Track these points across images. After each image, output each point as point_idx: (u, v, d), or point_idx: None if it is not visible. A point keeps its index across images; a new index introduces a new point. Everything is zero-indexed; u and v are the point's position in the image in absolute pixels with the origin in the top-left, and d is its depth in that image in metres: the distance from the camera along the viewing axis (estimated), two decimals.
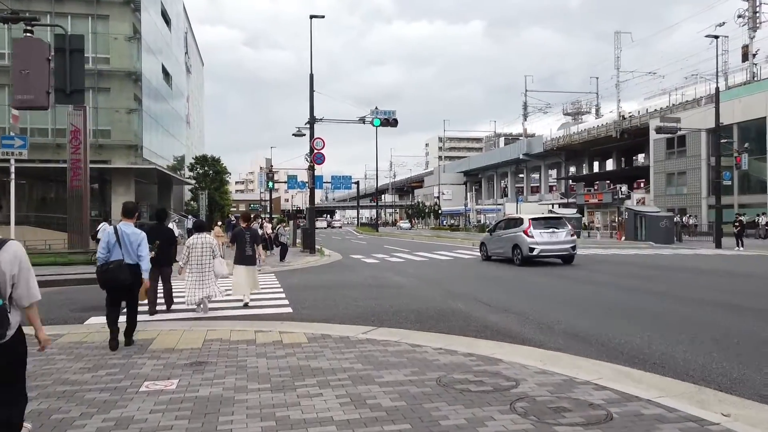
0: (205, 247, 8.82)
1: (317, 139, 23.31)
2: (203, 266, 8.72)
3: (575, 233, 20.45)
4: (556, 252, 17.23)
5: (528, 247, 16.71)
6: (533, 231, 16.93)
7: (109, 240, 6.42)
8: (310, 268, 17.17)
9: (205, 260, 8.75)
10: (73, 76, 6.19)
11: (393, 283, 12.36)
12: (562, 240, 17.27)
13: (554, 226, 17.59)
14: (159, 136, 39.28)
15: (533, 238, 16.81)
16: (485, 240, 20.01)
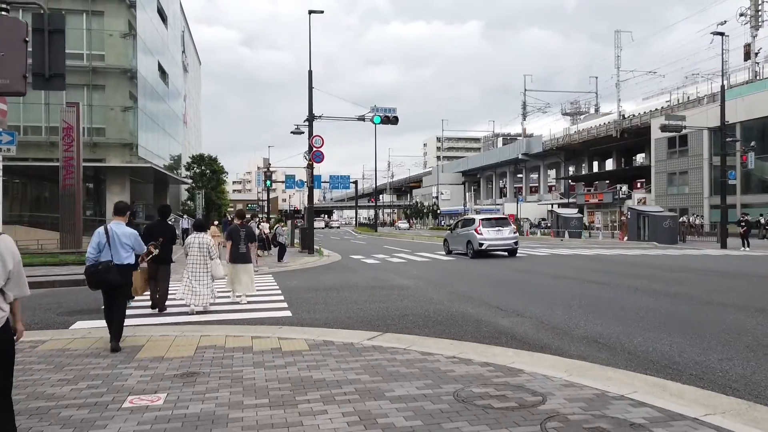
0: (202, 247, 8.70)
1: (316, 136, 22.80)
2: (199, 266, 8.61)
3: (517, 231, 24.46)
4: (502, 246, 20.37)
5: (478, 242, 19.87)
6: (482, 229, 20.14)
7: (100, 240, 6.25)
8: (309, 269, 16.66)
9: (201, 260, 8.63)
10: (53, 58, 5.66)
11: (396, 284, 11.87)
12: (506, 237, 20.41)
13: (500, 225, 20.88)
14: (155, 135, 38.72)
15: (482, 235, 20.00)
16: (447, 237, 23.32)
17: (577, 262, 17.74)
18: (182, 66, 55.43)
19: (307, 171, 22.81)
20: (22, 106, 31.42)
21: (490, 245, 19.89)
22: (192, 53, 66.67)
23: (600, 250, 24.44)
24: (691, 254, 21.75)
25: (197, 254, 8.69)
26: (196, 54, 72.21)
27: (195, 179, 52.28)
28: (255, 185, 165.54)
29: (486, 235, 19.95)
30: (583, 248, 25.47)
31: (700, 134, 42.24)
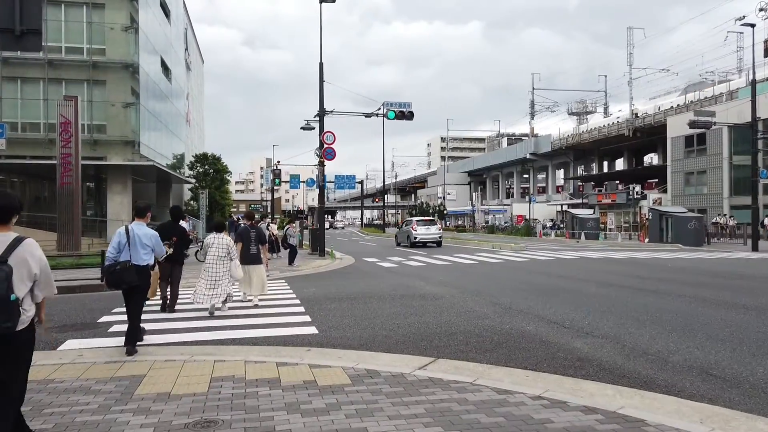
0: (221, 248, 8.63)
1: (327, 132, 21.60)
2: (217, 267, 8.54)
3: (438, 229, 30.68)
4: (430, 239, 28.12)
5: (414, 236, 27.85)
6: (417, 227, 28.44)
7: (120, 241, 6.29)
8: (323, 274, 15.45)
9: (220, 261, 8.56)
10: (26, 11, 4.48)
11: (427, 293, 10.64)
12: (433, 233, 28.68)
13: (429, 225, 29.52)
14: (157, 133, 37.57)
15: (417, 231, 28.16)
16: (397, 233, 33.19)
17: (611, 266, 16.50)
18: (185, 64, 54.28)
19: (318, 169, 21.59)
20: (19, 102, 30.32)
21: (422, 238, 27.74)
22: (195, 51, 65.51)
23: (627, 252, 23.18)
24: (729, 258, 20.49)
25: (216, 255, 8.61)
26: (199, 52, 71.05)
27: (198, 179, 51.14)
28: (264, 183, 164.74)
29: (419, 231, 28.00)
30: (607, 250, 24.21)
31: (719, 132, 40.93)
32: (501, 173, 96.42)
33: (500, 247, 25.34)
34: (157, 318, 8.28)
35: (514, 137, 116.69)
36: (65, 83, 30.14)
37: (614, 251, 23.83)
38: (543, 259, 19.31)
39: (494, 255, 21.32)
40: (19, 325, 3.19)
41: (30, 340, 3.35)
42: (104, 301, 9.72)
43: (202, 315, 8.49)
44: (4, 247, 3.25)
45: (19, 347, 3.27)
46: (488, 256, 20.54)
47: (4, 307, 3.11)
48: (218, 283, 8.48)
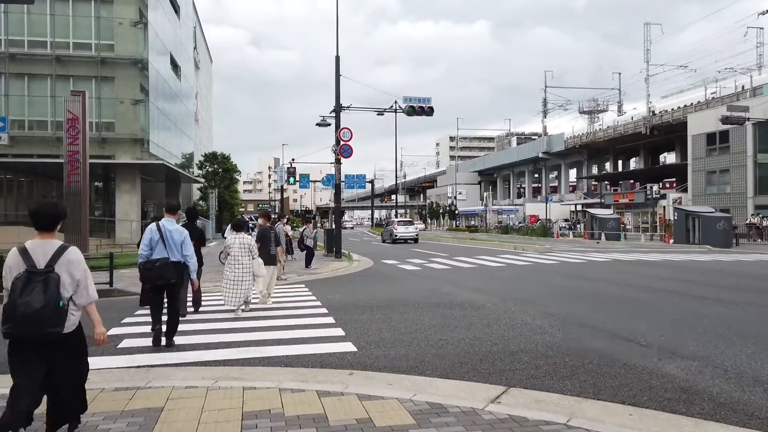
0: (243, 247, 8.64)
1: (344, 129, 20.70)
2: (241, 267, 8.52)
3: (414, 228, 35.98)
4: (408, 236, 33.76)
5: (394, 234, 33.87)
6: (397, 227, 34.37)
7: (152, 237, 6.35)
8: (344, 278, 14.55)
9: (243, 260, 8.57)
10: None
11: (465, 301, 9.70)
12: (411, 231, 34.27)
13: (407, 225, 35.33)
14: (167, 131, 36.84)
15: (397, 230, 34.01)
16: (382, 231, 40.23)
17: (651, 270, 15.50)
18: (194, 62, 53.60)
19: (335, 167, 20.67)
20: (26, 99, 29.64)
21: (401, 235, 33.59)
22: (203, 50, 64.86)
23: (657, 254, 22.12)
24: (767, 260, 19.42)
25: (238, 254, 8.60)
26: (207, 51, 70.39)
27: (207, 178, 50.45)
28: (266, 185, 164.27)
29: (399, 230, 34.09)
30: (635, 252, 23.17)
31: (743, 130, 39.68)
32: (512, 172, 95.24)
33: (523, 248, 24.34)
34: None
35: (523, 136, 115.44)
36: (73, 80, 29.45)
37: (642, 253, 22.78)
38: (574, 261, 18.31)
39: (519, 257, 20.34)
40: (66, 329, 3.40)
41: (80, 340, 3.58)
42: (114, 310, 8.86)
43: (219, 327, 7.60)
44: (51, 254, 3.41)
45: (69, 348, 3.50)
46: (513, 259, 19.57)
47: (55, 312, 3.28)
48: (241, 283, 8.45)
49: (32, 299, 3.23)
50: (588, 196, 70.02)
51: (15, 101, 29.43)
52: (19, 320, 3.21)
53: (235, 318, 8.30)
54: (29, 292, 3.24)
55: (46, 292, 3.26)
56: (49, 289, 3.27)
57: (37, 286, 3.27)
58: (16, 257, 3.43)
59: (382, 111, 21.65)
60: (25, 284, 3.28)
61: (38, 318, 3.22)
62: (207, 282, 12.10)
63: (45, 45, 29.38)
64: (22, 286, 3.27)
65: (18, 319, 3.21)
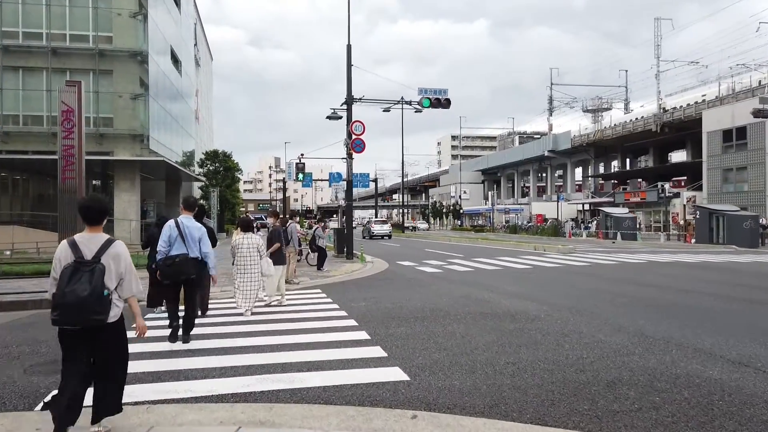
0: (251, 248, 8.45)
1: (356, 122, 19.48)
2: (250, 267, 8.35)
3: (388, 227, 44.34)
4: (383, 233, 41.33)
5: (372, 231, 41.80)
6: (374, 225, 42.75)
7: (171, 234, 6.35)
8: (361, 281, 13.32)
9: (251, 261, 8.39)
10: None
11: (511, 310, 8.46)
12: (385, 229, 42.19)
13: (382, 223, 44.02)
14: (167, 128, 35.61)
15: (374, 227, 42.31)
16: (363, 229, 47.59)
17: (698, 273, 14.29)
18: (195, 59, 52.34)
19: (346, 162, 19.42)
20: (21, 92, 28.40)
21: (377, 232, 40.81)
22: (204, 47, 63.54)
23: (687, 255, 20.90)
24: None
25: (247, 254, 8.42)
26: (208, 49, 69.05)
27: (209, 177, 49.22)
28: (267, 184, 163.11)
29: (375, 228, 41.89)
30: (661, 253, 21.97)
31: (761, 126, 38.49)
32: (516, 171, 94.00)
33: (544, 249, 23.09)
34: (172, 349, 6.17)
35: (525, 135, 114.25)
36: (69, 73, 28.19)
37: (670, 253, 21.57)
38: (605, 263, 17.09)
39: (543, 258, 19.11)
40: (110, 318, 3.51)
41: (122, 331, 3.69)
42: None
43: (233, 344, 6.38)
44: (98, 247, 3.57)
45: (112, 337, 3.61)
46: (538, 260, 18.33)
47: (99, 300, 3.42)
48: (252, 284, 8.28)
49: (78, 288, 3.36)
50: (595, 195, 68.80)
51: (9, 95, 28.20)
52: (67, 307, 3.35)
53: (251, 331, 7.08)
54: (76, 281, 3.37)
55: (91, 281, 3.39)
56: (95, 279, 3.40)
57: (83, 275, 3.40)
58: (65, 249, 3.55)
59: (396, 103, 20.41)
60: (73, 274, 3.41)
61: (84, 305, 3.35)
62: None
63: (40, 37, 28.15)
64: (69, 276, 3.40)
65: (65, 306, 3.35)
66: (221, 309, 8.90)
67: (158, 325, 7.12)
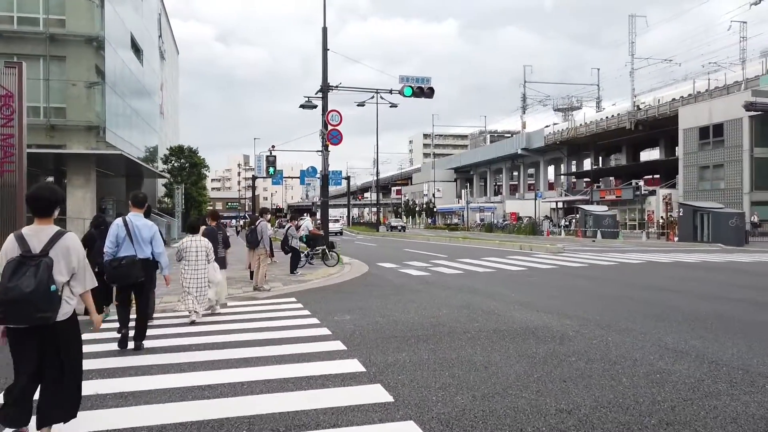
0: (200, 251, 7.93)
1: (332, 111, 17.91)
2: (198, 272, 7.84)
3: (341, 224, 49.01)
4: (335, 230, 38.72)
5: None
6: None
7: (119, 233, 5.98)
8: (341, 287, 11.80)
9: (200, 266, 7.88)
10: None
11: (531, 325, 7.05)
12: (337, 227, 42.11)
13: (334, 222, 42.99)
14: (127, 120, 33.34)
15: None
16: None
17: (701, 274, 13.21)
18: (159, 51, 49.79)
19: (322, 154, 17.81)
20: None
21: (330, 229, 36.91)
22: (169, 40, 60.77)
23: (679, 254, 19.97)
24: None
25: (194, 259, 7.88)
26: (173, 42, 66.19)
27: (173, 173, 46.91)
28: (235, 183, 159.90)
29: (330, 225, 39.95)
30: (651, 252, 21.04)
31: (738, 123, 38.28)
32: (489, 170, 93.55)
33: (530, 248, 21.89)
34: (119, 366, 4.57)
35: (496, 134, 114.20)
36: (17, 59, 25.77)
37: (662, 253, 20.64)
38: (603, 264, 15.93)
39: (533, 258, 17.88)
40: (60, 316, 3.30)
41: (74, 330, 3.45)
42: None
43: (193, 382, 4.79)
44: (47, 239, 3.35)
45: (63, 337, 3.36)
46: (529, 261, 17.08)
47: (45, 297, 3.18)
48: (200, 290, 7.80)
49: (22, 283, 3.15)
50: (569, 193, 68.56)
51: None
52: (10, 304, 3.14)
53: (201, 362, 5.50)
54: (20, 275, 3.17)
55: (36, 276, 3.18)
56: (41, 273, 3.19)
57: (28, 270, 3.20)
58: (12, 243, 3.37)
59: (377, 92, 18.88)
60: (17, 268, 3.20)
61: (28, 302, 3.14)
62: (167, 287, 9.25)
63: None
64: (12, 270, 3.20)
65: (8, 303, 3.14)
66: (169, 325, 7.29)
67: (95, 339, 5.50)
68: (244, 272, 14.13)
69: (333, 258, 16.11)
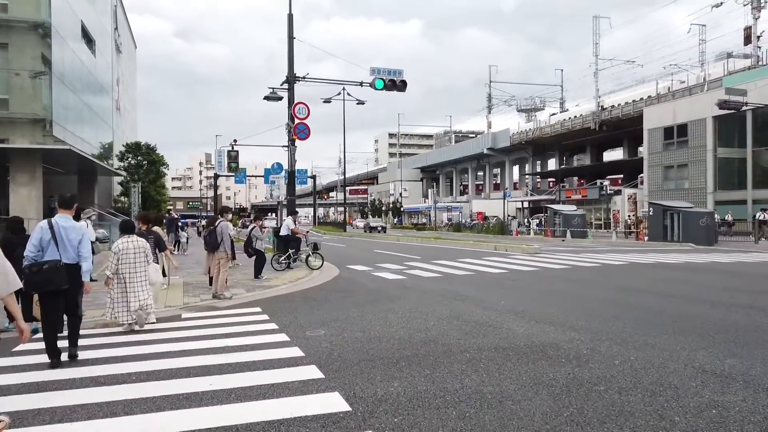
0: (138, 253, 7.26)
1: (299, 104, 16.78)
2: (136, 275, 7.16)
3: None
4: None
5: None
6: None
7: (43, 237, 5.55)
8: (310, 293, 10.71)
9: (139, 268, 7.21)
10: None
11: (533, 339, 6.14)
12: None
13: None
14: (79, 114, 31.35)
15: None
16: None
17: (687, 275, 12.63)
18: (115, 44, 47.41)
19: (288, 150, 16.62)
20: None
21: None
22: (127, 34, 58.09)
23: (656, 254, 19.58)
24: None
25: (134, 261, 7.20)
26: (131, 36, 63.39)
27: (130, 171, 44.72)
28: (197, 182, 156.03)
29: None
30: (624, 251, 20.63)
31: (702, 123, 38.69)
32: (455, 169, 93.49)
33: (505, 249, 21.17)
34: (48, 380, 3.48)
35: (461, 134, 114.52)
36: None
37: (637, 253, 20.21)
38: (584, 265, 15.25)
39: (510, 260, 17.11)
40: None
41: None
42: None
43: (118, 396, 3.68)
44: None
45: None
46: (506, 262, 16.29)
47: None
48: (137, 294, 7.16)
49: None
50: (534, 193, 68.80)
51: None
52: None
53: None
54: None
55: None
56: None
57: None
58: None
59: (347, 83, 17.77)
60: None
61: None
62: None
63: None
64: None
65: None
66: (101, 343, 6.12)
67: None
68: (202, 278, 12.89)
69: (318, 259, 15.02)
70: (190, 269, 15.70)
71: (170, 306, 9.39)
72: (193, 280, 12.95)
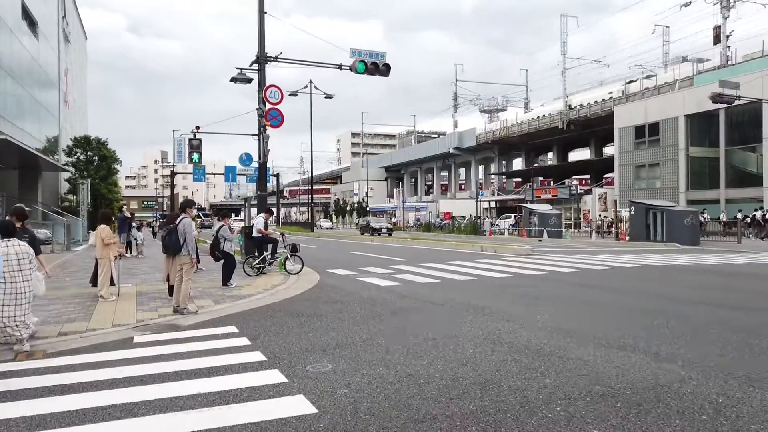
0: (21, 258, 6.10)
1: (271, 87, 14.86)
2: (15, 285, 6.00)
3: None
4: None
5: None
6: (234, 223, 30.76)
7: None
8: (294, 305, 8.88)
9: (17, 278, 6.01)
10: None
11: (624, 375, 4.53)
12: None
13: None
14: (20, 104, 28.42)
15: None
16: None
17: (702, 279, 11.37)
18: (63, 33, 44.00)
19: (259, 138, 14.64)
20: None
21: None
22: (76, 23, 54.34)
23: (650, 255, 18.49)
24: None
25: (17, 269, 6.01)
26: (81, 26, 59.48)
27: (78, 167, 41.52)
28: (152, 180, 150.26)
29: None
30: (614, 253, 19.52)
31: (674, 122, 38.44)
32: (420, 169, 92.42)
33: (495, 250, 19.71)
34: None
35: (423, 135, 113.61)
36: None
37: (630, 254, 19.10)
38: (593, 268, 13.88)
39: (508, 262, 15.61)
40: None
41: None
42: None
43: None
44: None
45: None
46: (504, 265, 14.79)
47: None
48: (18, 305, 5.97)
49: None
50: (501, 193, 68.24)
51: None
52: None
53: None
54: None
55: None
56: None
57: None
58: None
59: (324, 65, 15.93)
60: None
61: None
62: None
63: None
64: None
65: None
66: None
67: None
68: (159, 286, 10.89)
69: (298, 263, 13.20)
70: (145, 274, 13.61)
71: (119, 325, 7.43)
72: (148, 289, 10.92)
